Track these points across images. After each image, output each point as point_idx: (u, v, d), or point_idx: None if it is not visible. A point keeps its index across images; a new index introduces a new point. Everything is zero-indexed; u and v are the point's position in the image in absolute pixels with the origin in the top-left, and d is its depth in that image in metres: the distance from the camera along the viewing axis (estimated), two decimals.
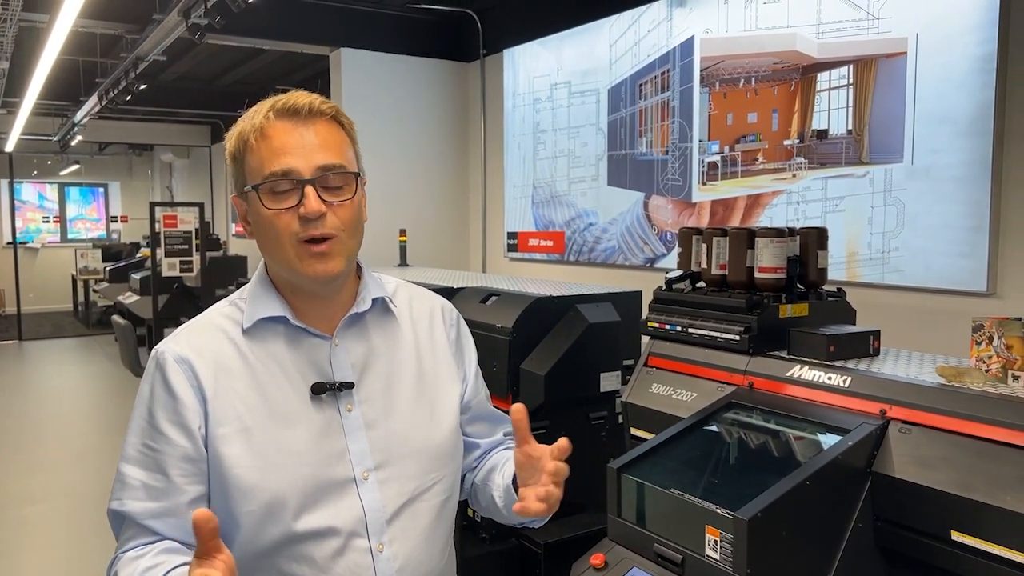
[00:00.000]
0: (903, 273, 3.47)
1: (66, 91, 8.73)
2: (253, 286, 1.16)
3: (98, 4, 5.23)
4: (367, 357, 1.16)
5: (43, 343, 10.67)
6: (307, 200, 1.05)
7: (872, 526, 1.66)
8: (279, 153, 1.06)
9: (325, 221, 1.06)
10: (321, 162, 1.07)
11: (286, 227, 1.06)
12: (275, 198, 1.06)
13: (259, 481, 1.05)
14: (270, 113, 1.08)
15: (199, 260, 7.73)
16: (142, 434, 1.08)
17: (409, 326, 1.22)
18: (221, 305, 1.17)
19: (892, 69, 3.47)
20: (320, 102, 1.10)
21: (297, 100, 1.08)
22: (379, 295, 1.19)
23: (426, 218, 6.36)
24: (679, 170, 4.61)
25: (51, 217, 15.26)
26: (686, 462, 1.84)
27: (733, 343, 2.07)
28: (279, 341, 1.12)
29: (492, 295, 3.00)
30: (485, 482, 1.28)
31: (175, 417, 1.07)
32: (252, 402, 1.08)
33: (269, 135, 1.07)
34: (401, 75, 6.26)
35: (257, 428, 1.07)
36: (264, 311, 1.12)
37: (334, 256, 1.08)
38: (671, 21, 4.60)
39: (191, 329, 1.14)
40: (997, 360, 1.68)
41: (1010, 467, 1.46)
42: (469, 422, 1.29)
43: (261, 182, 1.07)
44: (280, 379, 1.10)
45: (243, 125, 1.10)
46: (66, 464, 5.38)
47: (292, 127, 1.07)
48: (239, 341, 1.11)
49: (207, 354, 1.10)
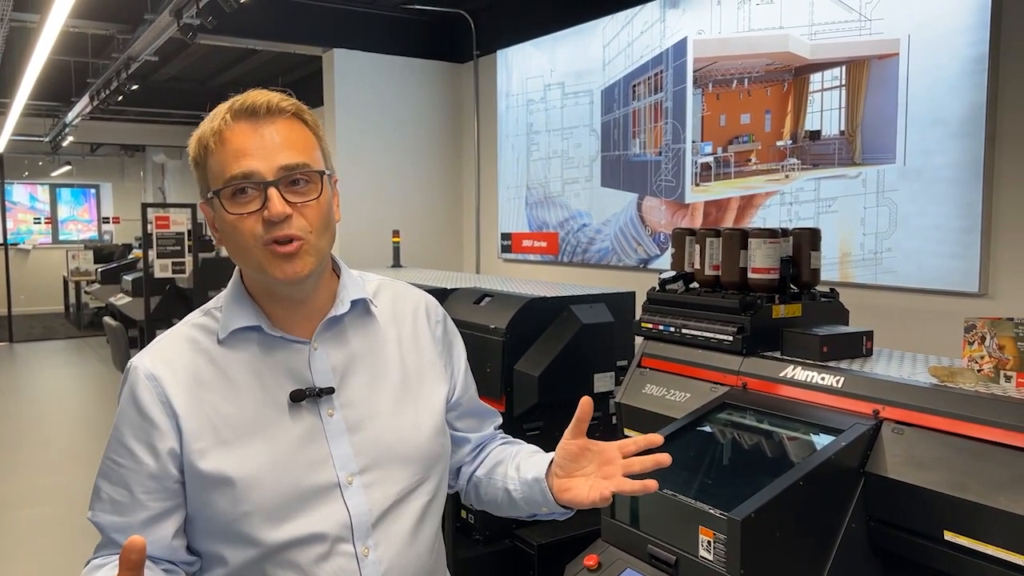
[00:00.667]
0: (896, 274, 3.48)
1: (57, 92, 8.69)
2: (227, 294, 1.14)
3: (89, 4, 5.21)
4: (348, 360, 1.14)
5: (34, 345, 10.61)
6: (270, 203, 1.02)
7: (865, 526, 1.66)
8: (239, 155, 1.03)
9: (291, 223, 1.03)
10: (283, 162, 1.03)
11: (251, 231, 1.03)
12: (238, 203, 1.03)
13: (241, 492, 1.04)
14: (227, 115, 1.05)
15: (191, 261, 7.70)
16: (111, 448, 1.09)
17: (392, 326, 1.20)
18: (196, 315, 1.15)
19: (884, 70, 3.48)
20: (279, 99, 1.06)
21: (255, 99, 1.05)
22: (359, 296, 1.17)
23: (420, 219, 6.35)
24: (672, 171, 4.61)
25: (42, 218, 15.20)
26: (679, 463, 1.84)
27: (726, 344, 2.07)
28: (255, 350, 1.10)
29: (486, 296, 2.99)
30: (491, 476, 1.27)
31: (141, 435, 1.06)
32: (229, 414, 1.07)
33: (228, 137, 1.04)
34: (394, 76, 6.26)
35: (236, 440, 1.06)
36: (239, 321, 1.10)
37: (302, 256, 1.04)
38: (664, 22, 4.61)
39: (166, 342, 1.12)
40: (989, 360, 1.68)
41: (1003, 467, 1.47)
42: (459, 418, 1.28)
43: (222, 187, 1.03)
44: (257, 389, 1.09)
45: (202, 129, 1.07)
46: (58, 467, 5.35)
47: (251, 128, 1.04)
48: (214, 352, 1.09)
49: (180, 369, 1.08)
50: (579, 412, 1.12)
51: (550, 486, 1.15)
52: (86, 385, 8.28)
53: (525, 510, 1.22)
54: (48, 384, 8.29)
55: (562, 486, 1.13)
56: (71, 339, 11.14)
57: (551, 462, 1.17)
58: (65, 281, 13.09)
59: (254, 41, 6.14)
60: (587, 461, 1.12)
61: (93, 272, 11.80)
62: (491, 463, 1.29)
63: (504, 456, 1.28)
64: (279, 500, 1.05)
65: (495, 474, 1.26)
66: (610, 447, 1.11)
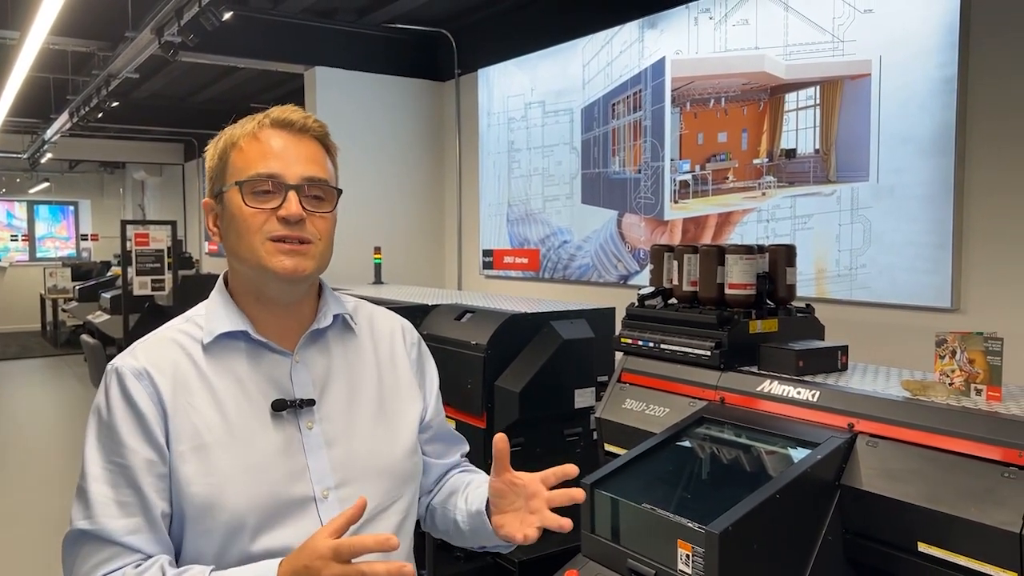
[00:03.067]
0: (870, 289, 3.53)
1: (36, 108, 8.63)
2: (211, 301, 1.15)
3: (69, 21, 5.19)
4: (328, 374, 1.15)
5: (10, 364, 10.45)
6: (288, 203, 1.07)
7: (841, 538, 1.68)
8: (268, 156, 1.09)
9: (303, 226, 1.08)
10: (307, 173, 1.10)
11: (261, 225, 1.08)
12: (257, 197, 1.08)
13: (217, 500, 1.04)
14: (265, 120, 1.12)
15: (171, 279, 7.64)
16: (108, 452, 1.05)
17: (370, 344, 1.22)
18: (177, 322, 1.15)
19: (857, 90, 3.55)
20: (312, 121, 1.13)
21: (291, 115, 1.12)
22: (340, 311, 1.19)
23: (401, 236, 6.36)
24: (651, 188, 4.66)
25: (20, 235, 15.02)
26: (659, 477, 1.85)
27: (704, 359, 2.09)
28: (239, 357, 1.11)
29: (467, 312, 3.01)
30: (444, 505, 1.28)
31: (140, 431, 1.05)
32: (211, 419, 1.07)
33: (260, 139, 1.10)
34: (376, 94, 6.28)
35: (216, 446, 1.06)
36: (224, 326, 1.11)
37: (308, 257, 1.09)
38: (643, 42, 4.68)
39: (148, 344, 1.12)
40: (960, 374, 1.72)
41: (974, 479, 1.50)
42: (428, 442, 1.29)
43: (246, 179, 1.08)
44: (239, 396, 1.09)
45: (234, 130, 1.14)
46: (34, 487, 5.26)
47: (283, 137, 1.11)
48: (198, 357, 1.10)
49: (166, 368, 1.08)
50: (495, 451, 1.13)
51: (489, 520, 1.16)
52: (63, 404, 8.16)
53: (474, 541, 1.23)
54: (24, 403, 8.17)
55: (498, 523, 1.14)
56: (48, 357, 10.98)
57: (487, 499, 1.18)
58: (42, 299, 12.92)
59: (235, 59, 6.15)
60: (515, 496, 1.13)
61: (71, 290, 11.66)
62: (447, 492, 1.30)
63: (458, 485, 1.29)
64: (254, 510, 1.05)
65: (448, 504, 1.27)
66: (533, 480, 1.12)
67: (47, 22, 4.46)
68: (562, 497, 1.10)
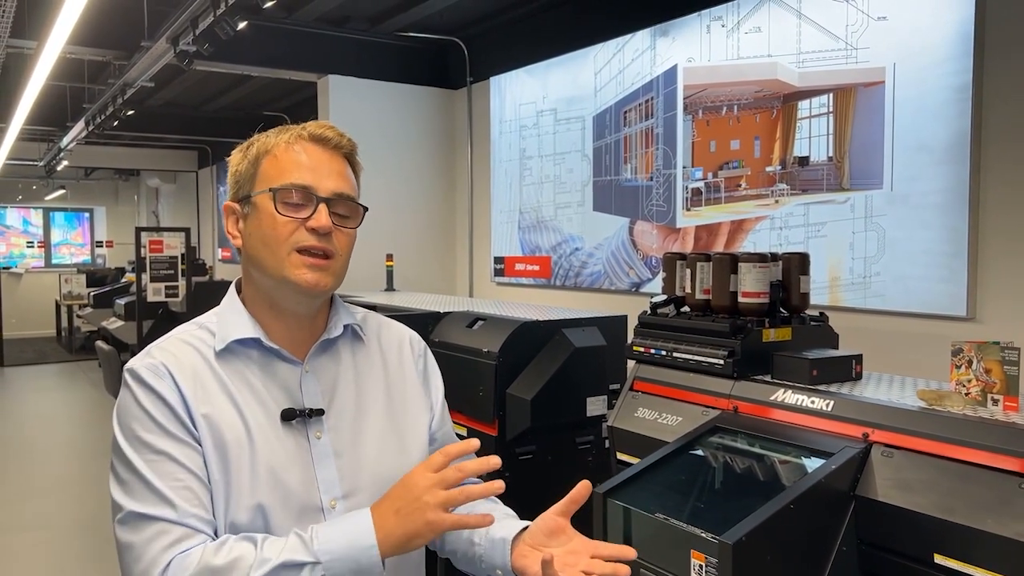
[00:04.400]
0: (884, 298, 3.51)
1: (53, 116, 8.72)
2: (223, 309, 1.16)
3: (86, 31, 5.25)
4: (337, 384, 1.16)
5: (25, 369, 10.54)
6: (319, 215, 1.09)
7: (856, 549, 1.67)
8: (302, 168, 1.11)
9: (330, 239, 1.10)
10: (337, 189, 1.12)
11: (289, 234, 1.09)
12: (288, 207, 1.10)
13: (226, 500, 1.04)
14: (303, 132, 1.14)
15: (185, 285, 7.69)
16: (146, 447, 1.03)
17: (378, 354, 1.23)
18: (189, 327, 1.15)
19: (870, 98, 3.54)
20: (346, 140, 1.16)
21: (328, 131, 1.14)
22: (350, 321, 1.20)
23: (413, 243, 6.38)
24: (663, 196, 4.65)
25: (35, 242, 15.16)
26: (671, 486, 1.85)
27: (717, 367, 2.09)
28: (251, 364, 1.12)
29: (478, 320, 3.01)
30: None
31: (173, 419, 1.04)
32: (230, 419, 1.07)
33: (297, 150, 1.12)
34: (389, 102, 6.31)
35: (233, 445, 1.06)
36: (237, 332, 1.12)
37: (329, 273, 1.10)
38: (654, 50, 4.68)
39: (162, 345, 1.12)
40: (976, 384, 1.70)
41: (990, 490, 1.48)
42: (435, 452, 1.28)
43: (280, 187, 1.10)
44: (252, 402, 1.09)
45: (269, 137, 1.15)
46: (48, 492, 5.30)
47: (318, 151, 1.13)
48: (212, 361, 1.10)
49: (185, 365, 1.08)
50: (574, 493, 1.10)
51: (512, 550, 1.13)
52: (77, 410, 8.22)
53: (479, 568, 1.20)
54: (39, 408, 8.23)
55: (522, 552, 1.11)
56: (63, 363, 11.07)
57: (522, 529, 1.15)
58: (57, 305, 13.04)
59: (249, 68, 6.19)
60: (557, 543, 1.09)
61: (85, 296, 11.75)
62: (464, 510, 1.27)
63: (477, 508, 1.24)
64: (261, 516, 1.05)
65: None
66: (584, 543, 1.08)
67: (64, 32, 4.52)
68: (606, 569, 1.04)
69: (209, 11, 4.39)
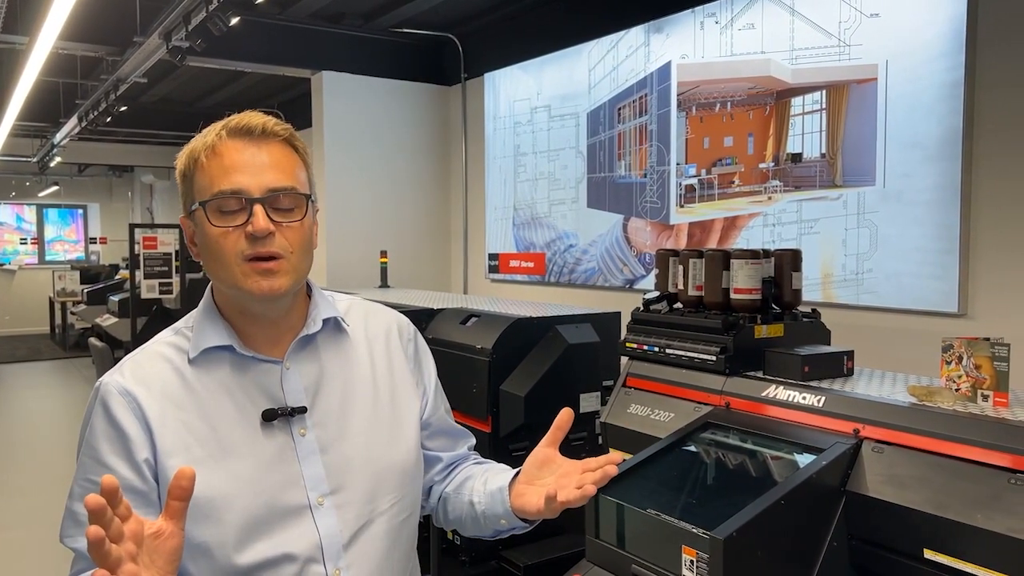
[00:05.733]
0: (876, 294, 3.52)
1: (46, 112, 8.68)
2: (199, 314, 1.14)
3: (78, 26, 5.22)
4: (320, 379, 1.14)
5: (18, 366, 10.50)
6: (255, 218, 1.03)
7: (847, 545, 1.68)
8: (229, 171, 1.05)
9: (273, 240, 1.05)
10: (272, 184, 1.05)
11: (233, 246, 1.04)
12: (223, 216, 1.05)
13: (211, 512, 1.03)
14: (223, 131, 1.07)
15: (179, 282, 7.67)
16: (86, 469, 1.06)
17: (364, 345, 1.21)
18: (166, 334, 1.15)
19: (863, 95, 3.55)
20: (274, 123, 1.08)
21: (251, 120, 1.07)
22: (330, 315, 1.17)
23: (407, 239, 6.37)
24: (657, 192, 4.66)
25: (29, 239, 15.10)
26: (664, 482, 1.85)
27: (710, 363, 2.09)
28: (226, 369, 1.10)
29: (472, 316, 3.01)
30: (459, 491, 1.27)
31: (119, 449, 1.04)
32: (201, 433, 1.06)
33: (220, 153, 1.06)
34: (383, 98, 6.30)
35: (208, 459, 1.05)
36: (210, 340, 1.10)
37: (281, 274, 1.05)
38: (648, 47, 4.68)
39: (136, 360, 1.11)
40: (967, 380, 1.71)
41: (980, 485, 1.49)
42: (430, 437, 1.28)
43: (209, 199, 1.05)
44: (229, 408, 1.08)
45: (194, 143, 1.08)
46: (40, 489, 5.29)
47: (244, 146, 1.06)
48: (185, 371, 1.09)
49: (153, 385, 1.07)
50: (558, 420, 1.15)
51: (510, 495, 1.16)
52: (70, 406, 8.19)
53: (485, 526, 1.22)
54: (32, 405, 8.21)
55: (519, 492, 1.15)
56: (56, 360, 11.03)
57: (517, 473, 1.18)
58: (51, 302, 12.99)
59: (243, 63, 6.17)
60: (548, 472, 1.14)
61: (79, 293, 11.72)
62: (460, 479, 1.29)
63: (474, 473, 1.28)
64: (249, 521, 1.05)
65: (463, 489, 1.26)
66: (573, 463, 1.12)
67: (56, 27, 4.49)
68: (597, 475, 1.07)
69: (201, 6, 4.37)
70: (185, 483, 0.85)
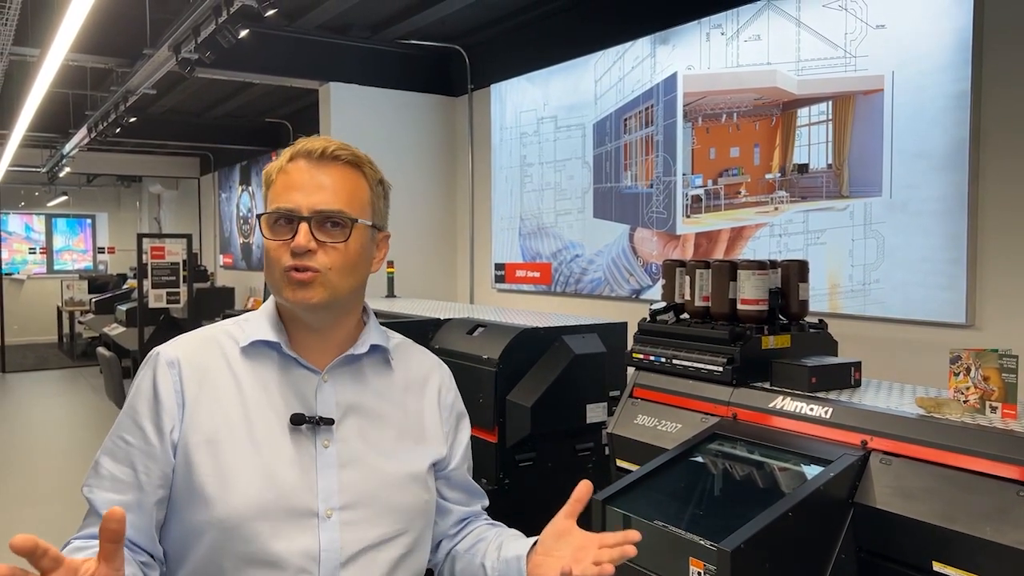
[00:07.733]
0: (884, 305, 3.51)
1: (55, 123, 8.75)
2: (259, 310, 1.22)
3: (89, 38, 5.27)
4: (354, 400, 1.18)
5: (27, 375, 10.54)
6: (297, 235, 1.11)
7: (855, 557, 1.67)
8: (289, 189, 1.13)
9: (313, 256, 1.11)
10: (319, 205, 1.12)
11: (279, 256, 1.12)
12: (274, 230, 1.13)
13: (219, 495, 1.07)
14: (297, 148, 1.16)
15: (186, 291, 7.71)
16: (121, 427, 1.13)
17: (403, 381, 1.25)
18: (227, 322, 1.22)
19: (869, 105, 3.55)
20: (336, 147, 1.15)
21: (314, 143, 1.15)
22: (379, 343, 1.22)
23: (414, 249, 6.39)
24: (663, 203, 4.66)
25: (37, 248, 15.19)
26: (671, 493, 1.85)
27: (716, 374, 2.09)
28: (271, 366, 1.16)
29: (479, 326, 3.01)
30: (471, 552, 1.27)
31: (154, 416, 1.11)
32: (232, 418, 1.11)
33: (288, 171, 1.15)
34: (390, 109, 6.33)
35: (230, 443, 1.10)
36: (260, 334, 1.17)
37: (314, 287, 1.11)
38: (654, 58, 4.69)
39: (191, 338, 1.20)
40: (975, 391, 1.71)
41: (989, 498, 1.48)
42: (449, 487, 1.29)
43: (264, 213, 1.15)
44: (263, 403, 1.13)
45: (276, 160, 1.19)
46: (47, 498, 5.30)
47: (307, 167, 1.14)
48: (233, 358, 1.16)
49: (198, 363, 1.14)
50: (577, 493, 1.14)
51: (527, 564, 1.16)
52: (78, 415, 8.22)
53: None
54: (40, 414, 8.23)
55: (536, 562, 1.14)
56: (64, 369, 11.07)
57: (534, 543, 1.18)
58: (59, 311, 13.05)
59: (251, 75, 6.21)
60: (566, 544, 1.13)
61: (87, 302, 11.77)
62: (472, 540, 1.29)
63: (487, 535, 1.28)
64: (254, 514, 1.07)
65: (475, 550, 1.26)
66: (589, 537, 1.13)
67: (67, 40, 4.54)
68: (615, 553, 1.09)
69: (211, 19, 4.41)
70: (114, 525, 0.85)
